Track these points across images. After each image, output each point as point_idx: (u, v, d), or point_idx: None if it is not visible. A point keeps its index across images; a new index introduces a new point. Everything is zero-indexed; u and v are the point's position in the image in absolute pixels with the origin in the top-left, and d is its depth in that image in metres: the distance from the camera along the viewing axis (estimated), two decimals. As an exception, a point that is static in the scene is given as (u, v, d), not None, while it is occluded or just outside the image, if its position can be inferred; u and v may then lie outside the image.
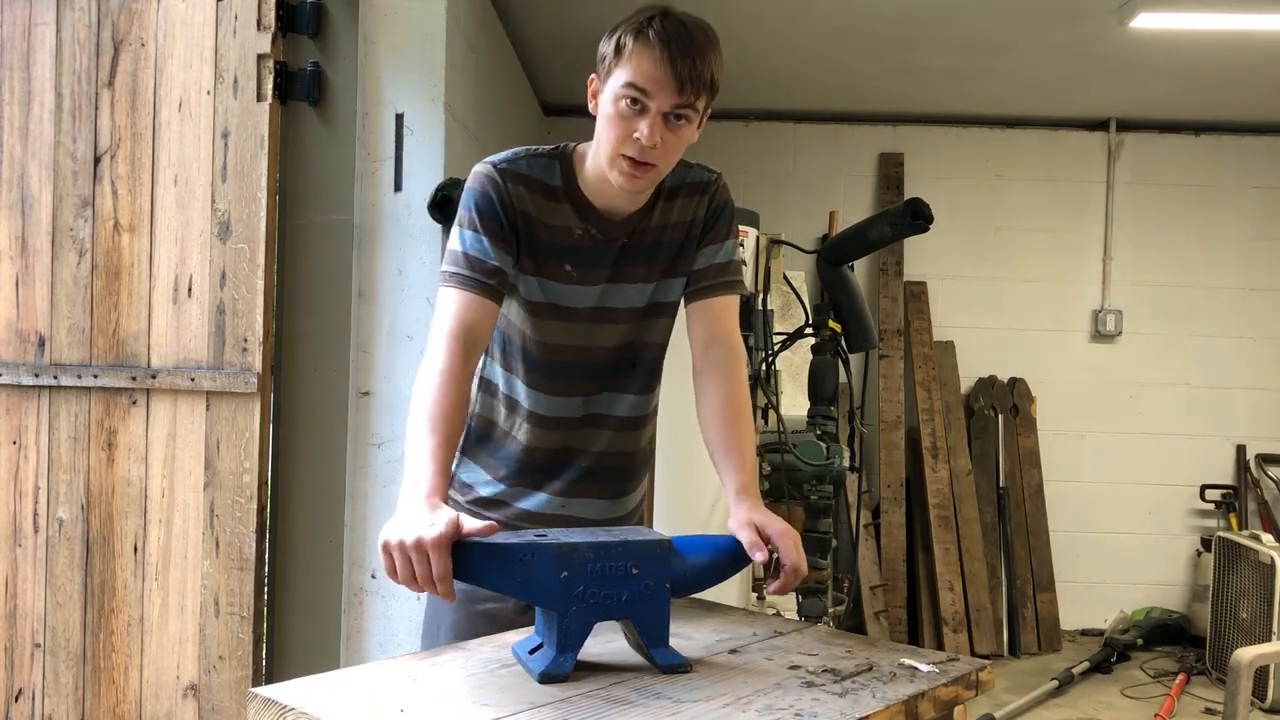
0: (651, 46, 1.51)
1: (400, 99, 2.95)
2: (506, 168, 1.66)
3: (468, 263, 1.62)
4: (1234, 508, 5.48)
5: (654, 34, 1.52)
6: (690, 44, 1.52)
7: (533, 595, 1.34)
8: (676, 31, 1.52)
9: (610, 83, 1.58)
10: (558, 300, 1.68)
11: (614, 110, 1.57)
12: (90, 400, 2.78)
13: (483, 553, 1.32)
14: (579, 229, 1.67)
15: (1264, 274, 5.62)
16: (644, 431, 1.83)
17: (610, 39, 1.58)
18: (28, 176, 2.81)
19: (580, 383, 1.73)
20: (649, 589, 1.36)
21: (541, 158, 1.69)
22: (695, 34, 1.54)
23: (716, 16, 4.59)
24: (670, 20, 1.53)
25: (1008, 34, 4.34)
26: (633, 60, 1.53)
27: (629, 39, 1.54)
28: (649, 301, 1.74)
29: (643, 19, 1.55)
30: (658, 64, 1.51)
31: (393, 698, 1.24)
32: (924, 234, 3.14)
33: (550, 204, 1.66)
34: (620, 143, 1.56)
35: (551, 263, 1.67)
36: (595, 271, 1.69)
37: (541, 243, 1.66)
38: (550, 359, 1.71)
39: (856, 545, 4.93)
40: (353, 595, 2.95)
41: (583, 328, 1.71)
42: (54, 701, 2.78)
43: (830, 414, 3.32)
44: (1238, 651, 2.27)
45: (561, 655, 1.31)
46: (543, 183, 1.67)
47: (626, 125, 1.55)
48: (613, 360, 1.74)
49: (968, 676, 1.39)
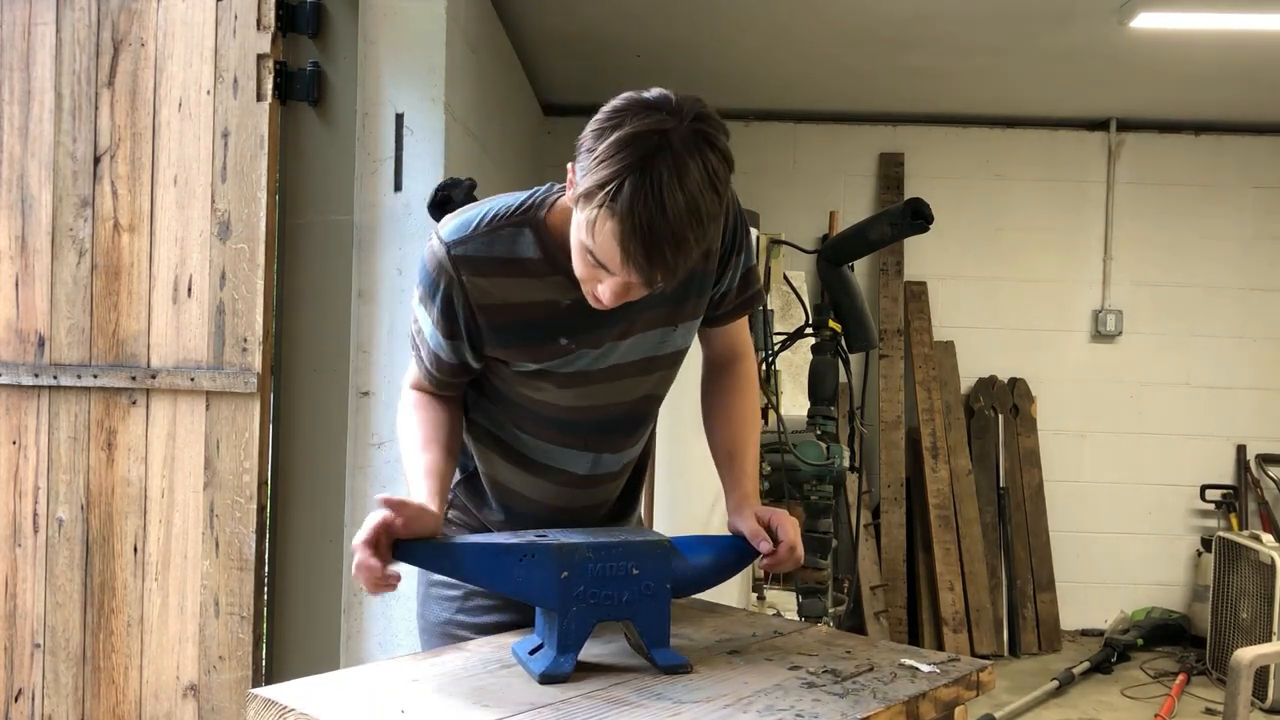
0: (615, 232, 1.19)
1: (400, 99, 2.95)
2: (461, 254, 1.39)
3: (424, 347, 1.48)
4: (1234, 508, 5.48)
5: (620, 214, 1.17)
6: (664, 233, 1.17)
7: (533, 596, 1.33)
8: (651, 215, 1.16)
9: (576, 214, 1.25)
10: (551, 369, 1.47)
11: (578, 247, 1.27)
12: (90, 400, 2.78)
13: (483, 554, 1.32)
14: (569, 299, 1.40)
15: (1264, 274, 5.62)
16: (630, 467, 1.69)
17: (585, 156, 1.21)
18: (28, 176, 2.81)
19: (590, 438, 1.56)
20: (649, 589, 1.36)
21: (506, 228, 1.40)
22: (674, 213, 1.17)
23: (716, 17, 4.57)
24: (646, 188, 1.16)
25: (1008, 34, 4.34)
26: (595, 234, 1.21)
27: (594, 206, 1.19)
28: (663, 351, 1.53)
29: (615, 173, 1.17)
30: (620, 257, 1.20)
31: (393, 698, 1.24)
32: (924, 234, 3.14)
33: (528, 281, 1.41)
34: (585, 280, 1.31)
35: (541, 343, 1.44)
36: (596, 335, 1.45)
37: (520, 327, 1.43)
38: (552, 415, 1.53)
39: (856, 545, 4.93)
40: (353, 595, 2.95)
41: (584, 390, 1.50)
42: (54, 702, 2.78)
43: (830, 414, 3.32)
44: (1238, 652, 2.27)
45: (562, 656, 1.31)
46: (512, 260, 1.40)
47: (591, 271, 1.28)
48: (621, 416, 1.57)
49: (968, 677, 1.39)
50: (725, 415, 1.67)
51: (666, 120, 1.19)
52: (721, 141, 1.23)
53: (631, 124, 1.19)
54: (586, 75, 5.08)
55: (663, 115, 1.20)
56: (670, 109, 1.21)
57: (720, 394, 1.67)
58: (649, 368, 1.53)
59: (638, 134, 1.18)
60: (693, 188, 1.18)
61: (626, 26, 4.39)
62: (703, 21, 4.29)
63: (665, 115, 1.20)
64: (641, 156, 1.17)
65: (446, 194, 2.84)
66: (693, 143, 1.19)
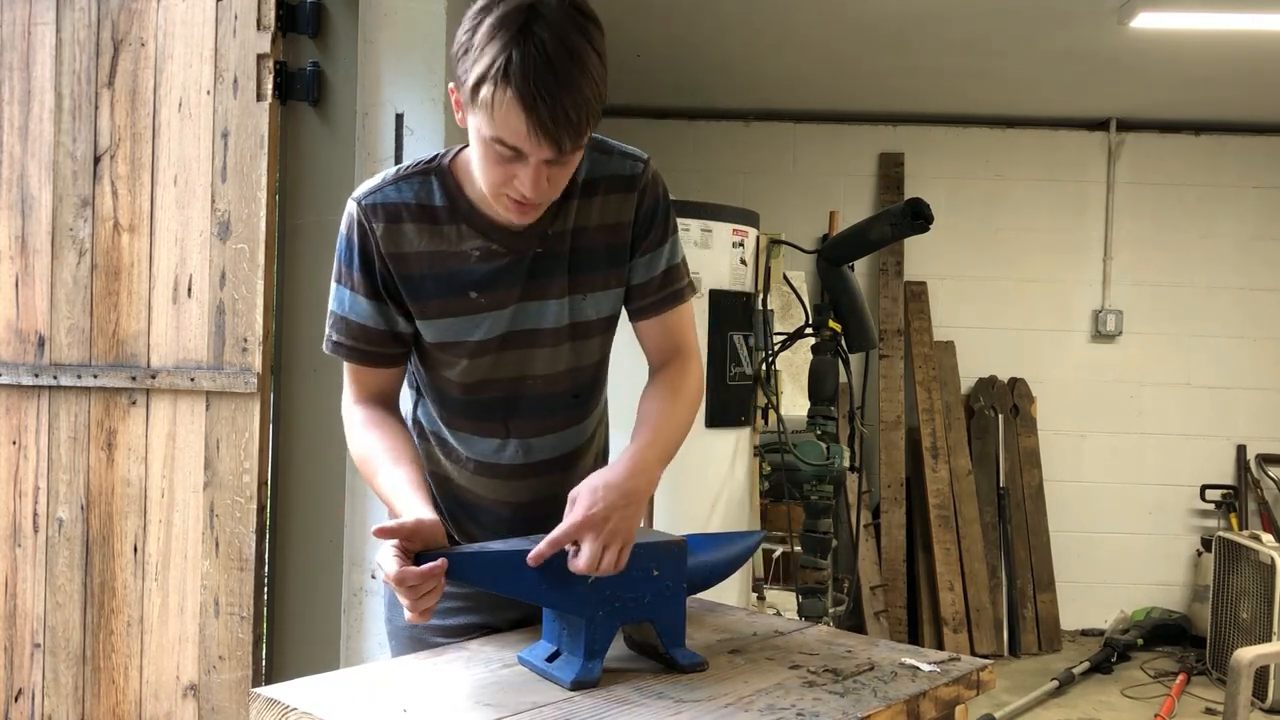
0: (515, 101, 1.23)
1: (400, 99, 2.95)
2: (371, 201, 1.43)
3: (348, 330, 1.46)
4: (1234, 508, 5.48)
5: (515, 83, 1.22)
6: (560, 88, 1.23)
7: (559, 601, 1.32)
8: (542, 75, 1.22)
9: (474, 121, 1.30)
10: (464, 336, 1.46)
11: (485, 152, 1.31)
12: (90, 400, 2.78)
13: (506, 561, 1.29)
14: (477, 249, 1.43)
15: (1264, 274, 5.62)
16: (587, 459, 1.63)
17: (465, 57, 1.28)
18: (27, 176, 2.81)
19: (510, 422, 1.53)
20: (669, 590, 1.36)
21: (414, 176, 1.45)
22: (563, 68, 1.23)
23: (716, 16, 4.55)
24: (532, 53, 1.22)
25: (1008, 34, 4.34)
26: (495, 115, 1.25)
27: (487, 87, 1.24)
28: (572, 320, 1.50)
29: (498, 51, 1.23)
30: (527, 125, 1.24)
31: (395, 697, 1.24)
32: (924, 234, 3.14)
33: (435, 228, 1.43)
34: (500, 185, 1.33)
35: (450, 295, 1.44)
36: (506, 292, 1.45)
37: (431, 278, 1.44)
38: (471, 397, 1.51)
39: (856, 545, 4.93)
40: (352, 595, 2.95)
41: (495, 359, 1.48)
42: (54, 701, 2.78)
43: (830, 414, 3.32)
44: (1238, 652, 2.27)
45: (590, 661, 1.29)
46: (420, 207, 1.43)
47: (503, 170, 1.31)
48: (539, 394, 1.52)
49: (969, 676, 1.39)
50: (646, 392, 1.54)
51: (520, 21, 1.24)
52: (589, 8, 1.30)
53: (496, 9, 1.26)
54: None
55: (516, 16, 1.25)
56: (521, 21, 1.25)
57: (648, 396, 1.53)
58: (557, 339, 1.49)
59: (506, 13, 1.25)
60: (573, 44, 1.25)
61: (626, 26, 4.39)
62: (703, 21, 4.30)
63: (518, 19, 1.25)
64: (518, 29, 1.23)
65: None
66: (560, 9, 1.26)
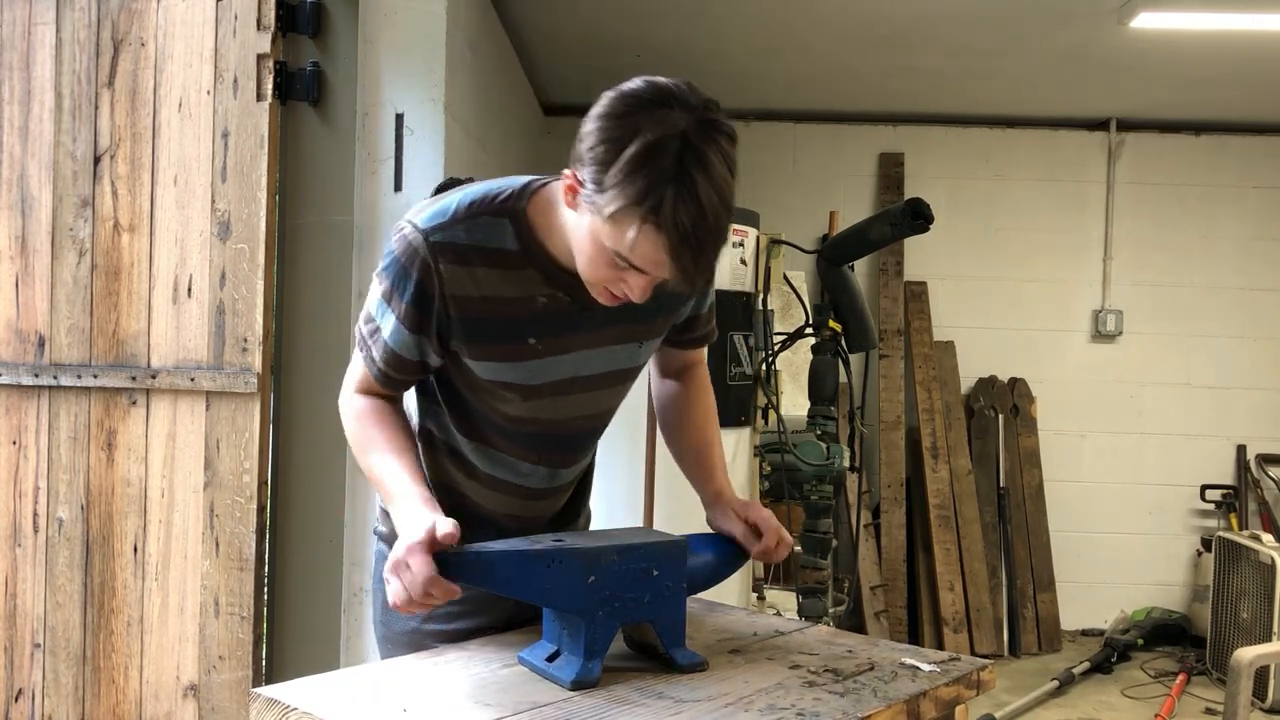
0: (661, 242, 1.21)
1: (400, 99, 2.95)
2: (440, 240, 1.36)
3: (384, 355, 1.43)
4: (1234, 508, 5.48)
5: (665, 227, 1.19)
6: (708, 235, 1.21)
7: (559, 601, 1.32)
8: (695, 223, 1.19)
9: (598, 226, 1.25)
10: (516, 379, 1.44)
11: (600, 256, 1.28)
12: (90, 400, 2.78)
13: (509, 561, 1.30)
14: (544, 296, 1.40)
15: (1264, 274, 5.62)
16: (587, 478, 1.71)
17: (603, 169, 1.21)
18: (28, 176, 2.81)
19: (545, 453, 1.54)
20: (669, 590, 1.36)
21: (487, 215, 1.38)
22: (713, 213, 1.20)
23: (716, 17, 4.56)
24: (686, 197, 1.18)
25: (1008, 34, 4.34)
26: (634, 244, 1.22)
27: (631, 218, 1.20)
28: (625, 366, 1.52)
29: (648, 185, 1.18)
30: (669, 266, 1.23)
31: (395, 697, 1.24)
32: (924, 234, 3.14)
33: (506, 273, 1.38)
34: (605, 281, 1.31)
35: (508, 341, 1.41)
36: (565, 339, 1.43)
37: (491, 322, 1.40)
38: (513, 427, 1.51)
39: (856, 545, 4.93)
40: (352, 595, 2.95)
41: (550, 402, 1.48)
42: (54, 701, 2.78)
43: (830, 414, 3.32)
44: (1238, 651, 2.27)
45: (590, 661, 1.30)
46: (491, 250, 1.38)
47: (614, 273, 1.29)
48: (582, 432, 1.57)
49: (969, 676, 1.39)
50: (689, 415, 1.67)
51: (676, 117, 1.21)
52: (726, 123, 1.25)
53: (645, 130, 1.20)
54: (586, 75, 5.08)
55: (669, 111, 1.21)
56: (672, 101, 1.22)
57: (681, 396, 1.67)
58: (609, 382, 1.53)
59: (658, 141, 1.19)
60: (719, 182, 1.21)
61: (626, 26, 4.39)
62: (703, 21, 4.30)
63: (671, 111, 1.21)
64: (670, 164, 1.19)
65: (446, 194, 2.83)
66: (707, 134, 1.22)
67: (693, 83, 1.26)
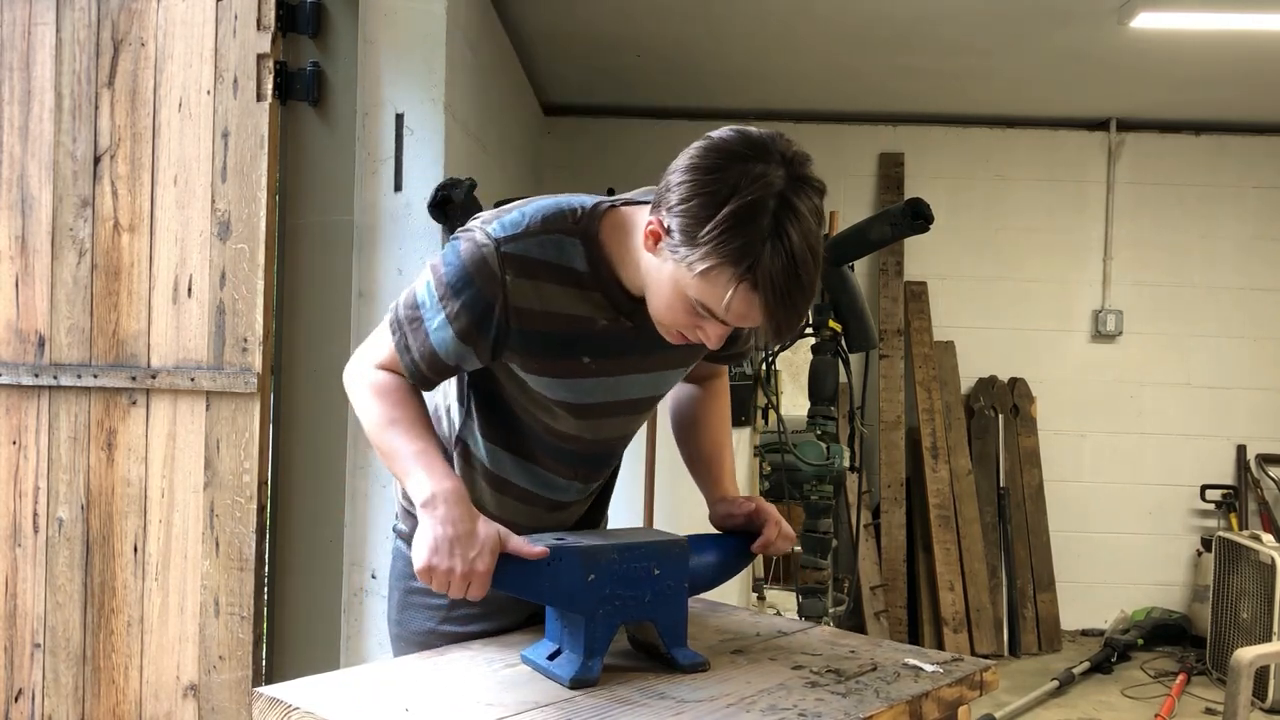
0: (755, 301, 1.22)
1: (400, 99, 2.95)
2: (511, 251, 1.34)
3: (423, 351, 1.40)
4: (1234, 508, 5.48)
5: (760, 287, 1.20)
6: (802, 295, 1.22)
7: (559, 600, 1.32)
8: (791, 283, 1.20)
9: (682, 276, 1.25)
10: (568, 397, 1.45)
11: (681, 304, 1.28)
12: (90, 400, 2.77)
13: (506, 558, 1.30)
14: (605, 319, 1.41)
15: (1264, 274, 5.62)
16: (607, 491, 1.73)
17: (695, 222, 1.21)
18: (28, 176, 2.81)
19: (580, 468, 1.56)
20: (670, 589, 1.36)
21: (559, 234, 1.36)
22: (806, 273, 1.21)
23: (716, 17, 4.56)
24: (782, 258, 1.19)
25: (1008, 34, 4.34)
26: (726, 301, 1.22)
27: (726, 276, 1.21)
28: (667, 389, 1.57)
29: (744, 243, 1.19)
30: (762, 322, 1.25)
31: (397, 697, 1.24)
32: (924, 234, 3.13)
33: (571, 291, 1.38)
34: (681, 326, 1.32)
35: (562, 356, 1.41)
36: (619, 361, 1.45)
37: (547, 336, 1.39)
38: (554, 441, 1.51)
39: (856, 545, 4.93)
40: (352, 595, 2.95)
41: (597, 422, 1.50)
42: (54, 701, 2.78)
43: (830, 414, 3.31)
44: (1238, 651, 2.27)
45: (590, 659, 1.30)
46: (561, 268, 1.37)
47: (692, 320, 1.30)
48: (616, 449, 1.60)
49: (972, 676, 1.39)
50: (707, 420, 1.70)
51: (769, 173, 1.21)
52: (816, 178, 1.25)
53: (742, 188, 1.19)
54: (586, 75, 5.07)
55: (764, 166, 1.21)
56: (767, 156, 1.22)
57: (701, 400, 1.70)
58: (649, 405, 1.57)
59: (756, 201, 1.19)
60: (813, 239, 1.22)
61: (626, 26, 4.38)
62: (702, 22, 4.29)
63: (765, 166, 1.21)
64: (767, 224, 1.19)
65: (447, 194, 2.83)
66: (798, 189, 1.22)
67: (783, 134, 1.26)
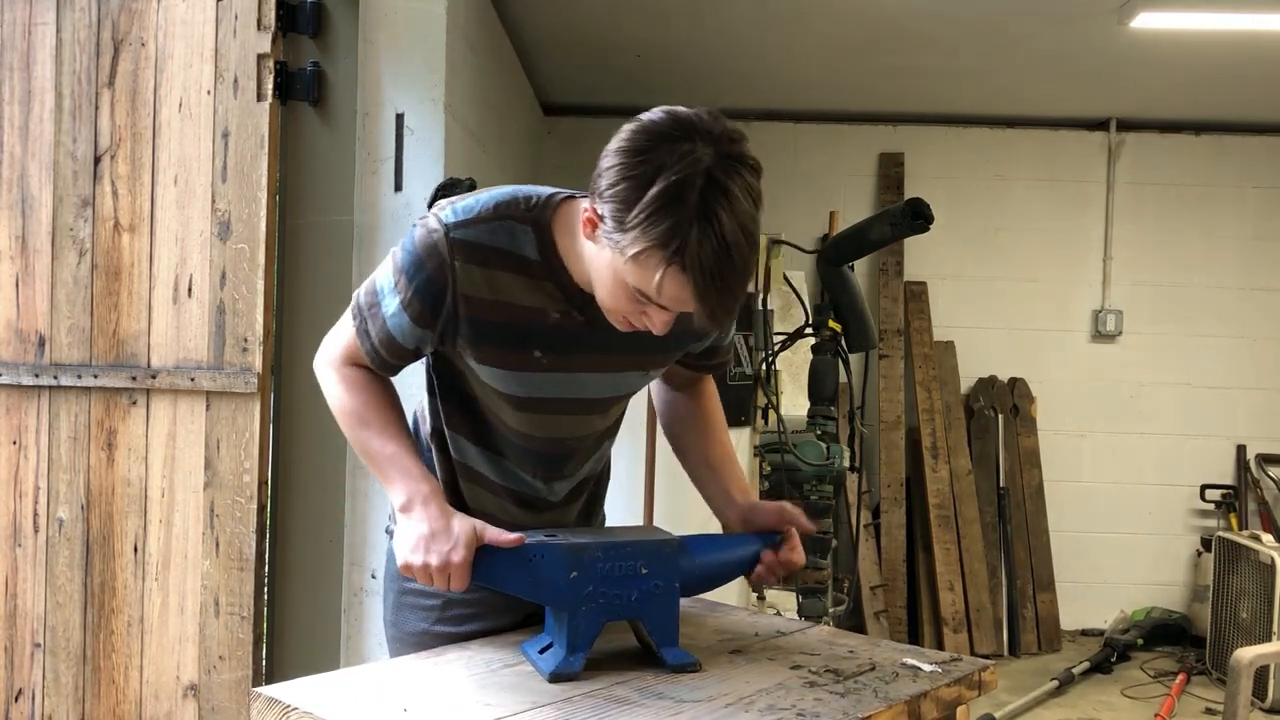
0: (686, 284, 1.19)
1: (400, 99, 2.95)
2: (461, 238, 1.34)
3: (381, 337, 1.41)
4: (1234, 508, 5.48)
5: (690, 270, 1.18)
6: (734, 277, 1.20)
7: (542, 595, 1.34)
8: (721, 265, 1.17)
9: (619, 263, 1.23)
10: (513, 389, 1.43)
11: (621, 291, 1.27)
12: (90, 400, 2.78)
13: (492, 555, 1.32)
14: (558, 311, 1.39)
15: (1264, 274, 5.62)
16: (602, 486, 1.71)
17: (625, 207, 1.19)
18: (28, 176, 2.81)
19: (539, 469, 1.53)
20: (658, 589, 1.36)
21: (510, 221, 1.36)
22: (738, 254, 1.18)
23: (716, 17, 4.56)
24: (711, 240, 1.16)
25: (1008, 34, 4.34)
26: (659, 285, 1.20)
27: (656, 260, 1.18)
28: (628, 391, 1.53)
29: (672, 225, 1.16)
30: (694, 306, 1.22)
31: (396, 697, 1.24)
32: (924, 234, 3.14)
33: (522, 280, 1.37)
34: (625, 313, 1.30)
35: (513, 349, 1.39)
36: (572, 358, 1.42)
37: (498, 327, 1.38)
38: (509, 434, 1.50)
39: (856, 545, 4.93)
40: (352, 595, 2.95)
41: (543, 417, 1.47)
42: (54, 701, 2.78)
43: (830, 414, 3.31)
44: (1238, 651, 2.27)
45: (571, 655, 1.31)
46: (512, 255, 1.36)
47: (635, 306, 1.27)
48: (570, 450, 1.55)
49: (971, 676, 1.39)
50: (704, 428, 1.67)
51: (698, 152, 1.18)
52: (749, 155, 1.22)
53: (667, 168, 1.17)
54: (586, 75, 5.07)
55: (690, 145, 1.18)
56: (694, 134, 1.19)
57: (691, 407, 1.68)
58: (606, 406, 1.53)
59: (682, 180, 1.16)
60: (744, 218, 1.19)
61: (626, 26, 4.39)
62: (702, 22, 4.29)
63: (693, 145, 1.18)
64: (694, 204, 1.16)
65: (446, 194, 2.83)
66: (730, 169, 1.19)
67: (715, 110, 1.23)
